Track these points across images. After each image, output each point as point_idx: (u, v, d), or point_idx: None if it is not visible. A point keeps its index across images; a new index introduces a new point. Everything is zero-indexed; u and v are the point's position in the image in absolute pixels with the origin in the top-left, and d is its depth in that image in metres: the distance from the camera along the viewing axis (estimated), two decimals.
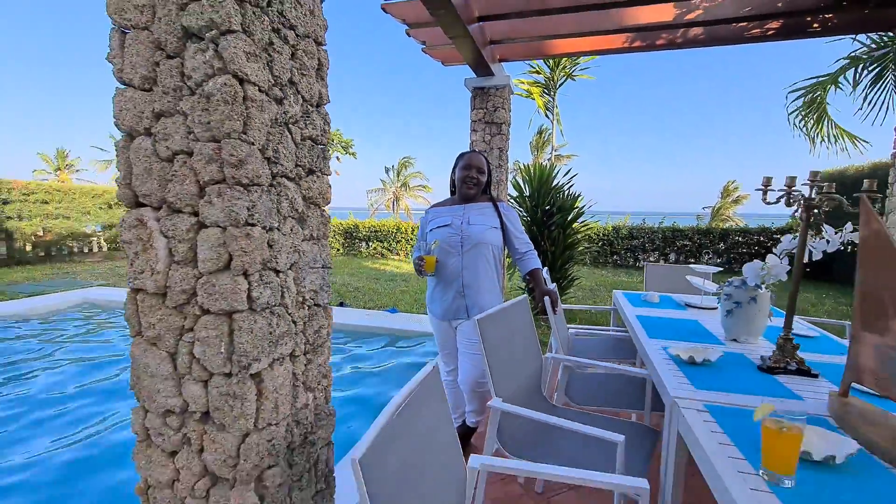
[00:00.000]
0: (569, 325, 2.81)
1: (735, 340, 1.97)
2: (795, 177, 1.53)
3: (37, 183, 11.01)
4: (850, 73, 3.22)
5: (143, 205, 0.89)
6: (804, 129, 3.47)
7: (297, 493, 1.03)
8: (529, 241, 2.26)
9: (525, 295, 2.07)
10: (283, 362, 0.96)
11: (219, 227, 0.83)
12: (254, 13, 0.84)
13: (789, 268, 1.77)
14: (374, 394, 3.29)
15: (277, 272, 0.93)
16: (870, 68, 3.02)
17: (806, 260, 1.79)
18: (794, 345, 1.61)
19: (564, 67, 13.58)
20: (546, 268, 3.44)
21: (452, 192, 2.28)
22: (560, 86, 14.10)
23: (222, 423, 0.88)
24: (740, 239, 10.46)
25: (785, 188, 1.53)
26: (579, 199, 5.67)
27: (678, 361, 1.66)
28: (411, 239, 12.86)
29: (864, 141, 3.41)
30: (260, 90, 0.86)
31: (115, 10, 0.86)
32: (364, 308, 6.06)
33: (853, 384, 1.30)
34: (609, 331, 2.95)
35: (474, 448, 2.30)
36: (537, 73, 13.80)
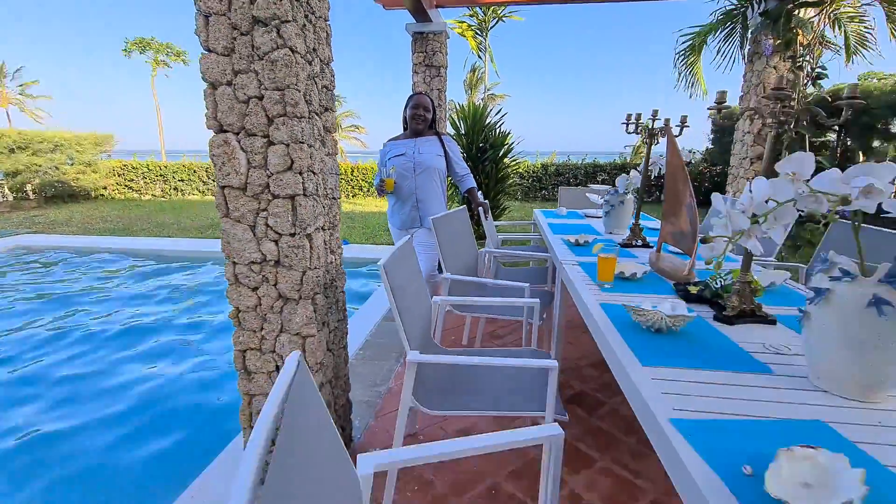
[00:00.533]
0: (498, 233, 3.56)
1: (611, 233, 2.80)
2: (641, 113, 2.28)
3: None
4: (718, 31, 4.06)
5: (226, 131, 1.40)
6: (679, 70, 4.33)
7: (330, 315, 1.67)
8: (467, 166, 2.91)
9: (465, 206, 2.73)
10: (320, 231, 1.56)
11: (283, 143, 1.38)
12: (297, 6, 1.34)
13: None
14: None
15: (314, 173, 1.50)
16: (725, 25, 3.84)
17: (657, 174, 2.60)
18: (640, 228, 2.44)
19: (495, 9, 13.77)
20: (480, 192, 4.13)
21: (405, 128, 2.83)
22: (492, 27, 14.36)
23: (290, 265, 1.47)
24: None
25: (634, 121, 2.28)
26: (509, 136, 6.35)
27: (568, 244, 2.43)
28: (351, 180, 13.05)
29: (704, 89, 4.36)
30: (302, 57, 1.38)
31: None
32: None
33: (664, 245, 2.13)
34: (531, 237, 3.75)
35: None
36: (471, 15, 13.93)
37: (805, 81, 3.44)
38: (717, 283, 1.51)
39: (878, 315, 0.82)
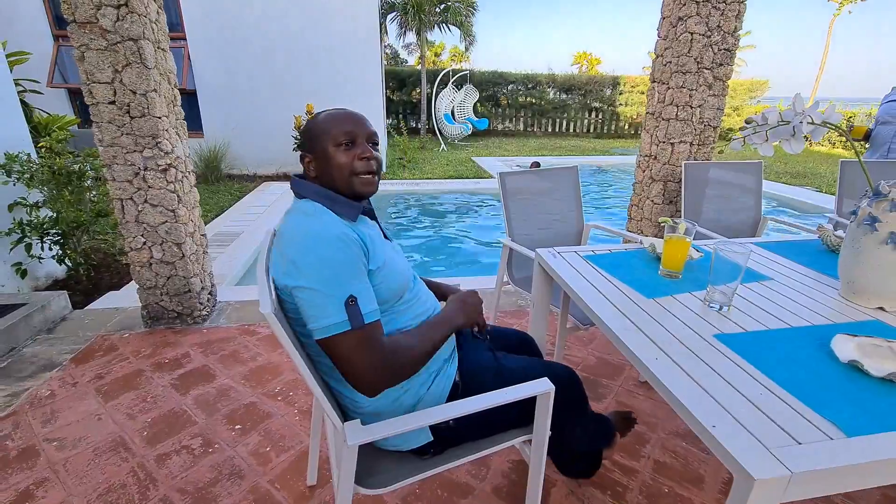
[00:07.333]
0: None
1: None
2: None
3: (640, 77, 14.53)
4: None
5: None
6: None
7: None
8: None
9: None
10: (683, 144, 2.53)
11: (671, 88, 2.45)
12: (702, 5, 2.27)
13: None
14: None
15: (691, 107, 2.45)
16: None
17: None
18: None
19: None
20: None
21: None
22: None
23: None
24: None
25: None
26: None
27: None
28: None
29: None
30: (702, 35, 2.32)
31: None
32: None
33: None
34: None
35: None
36: None
37: None
38: None
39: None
